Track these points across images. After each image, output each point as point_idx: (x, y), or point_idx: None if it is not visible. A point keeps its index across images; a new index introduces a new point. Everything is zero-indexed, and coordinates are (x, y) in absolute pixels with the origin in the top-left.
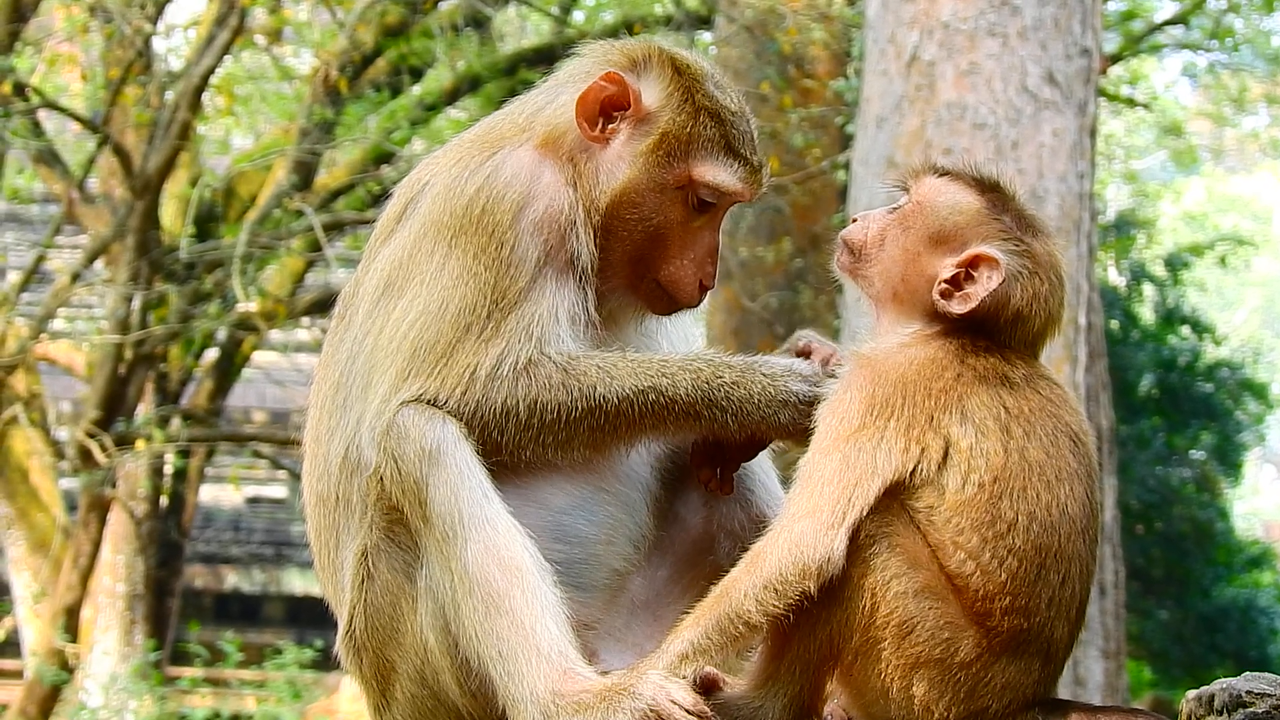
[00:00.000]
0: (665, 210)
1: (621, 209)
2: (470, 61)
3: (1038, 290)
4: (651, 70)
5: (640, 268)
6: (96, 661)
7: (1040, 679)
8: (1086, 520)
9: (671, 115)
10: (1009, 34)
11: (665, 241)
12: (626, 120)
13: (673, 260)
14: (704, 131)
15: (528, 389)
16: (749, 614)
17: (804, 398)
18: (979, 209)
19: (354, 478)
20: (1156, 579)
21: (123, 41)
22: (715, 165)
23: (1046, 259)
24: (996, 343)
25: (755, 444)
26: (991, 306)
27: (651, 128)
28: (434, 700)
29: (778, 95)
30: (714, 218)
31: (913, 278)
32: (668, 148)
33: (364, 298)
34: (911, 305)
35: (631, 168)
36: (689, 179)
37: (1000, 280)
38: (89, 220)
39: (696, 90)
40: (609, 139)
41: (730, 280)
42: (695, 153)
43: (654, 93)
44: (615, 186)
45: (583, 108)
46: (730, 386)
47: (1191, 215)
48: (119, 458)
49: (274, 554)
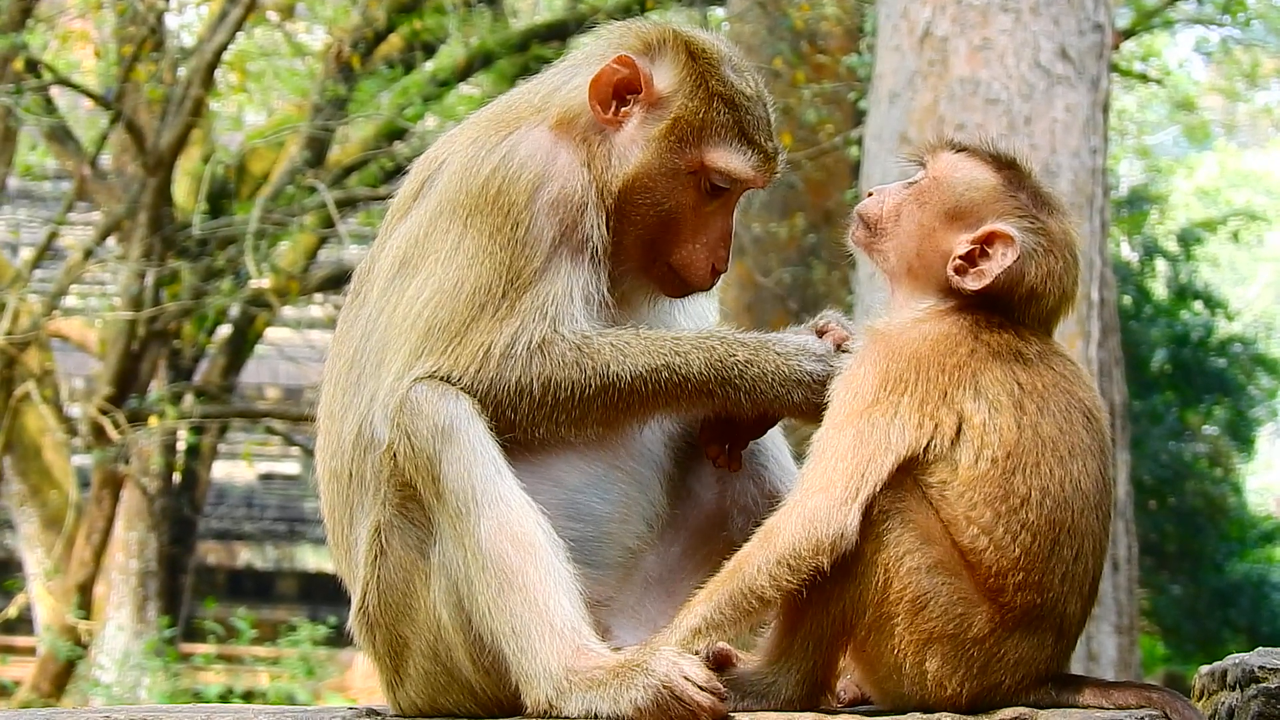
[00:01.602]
0: (677, 195)
1: (634, 193)
2: (483, 37)
3: (1052, 268)
4: (666, 54)
5: (653, 251)
6: (110, 638)
7: (1053, 654)
8: (1100, 496)
9: (684, 100)
10: (1022, 9)
11: (678, 225)
12: (639, 104)
13: (685, 244)
14: (717, 117)
15: (542, 367)
16: (762, 589)
17: (817, 376)
18: (995, 185)
19: (367, 454)
20: (1169, 554)
21: (135, 18)
22: (728, 151)
23: (1062, 237)
24: (1010, 319)
25: (765, 421)
26: (1006, 283)
27: (664, 112)
28: (447, 676)
29: (790, 71)
30: (727, 202)
31: (928, 253)
32: (680, 133)
33: (379, 275)
34: (926, 280)
35: (644, 152)
36: (701, 164)
37: (1015, 257)
38: (101, 197)
39: (711, 75)
40: (622, 122)
41: (744, 256)
42: (708, 138)
43: (667, 76)
44: (628, 170)
45: (595, 90)
46: (744, 365)
47: (1204, 190)
48: (132, 434)
49: (287, 530)
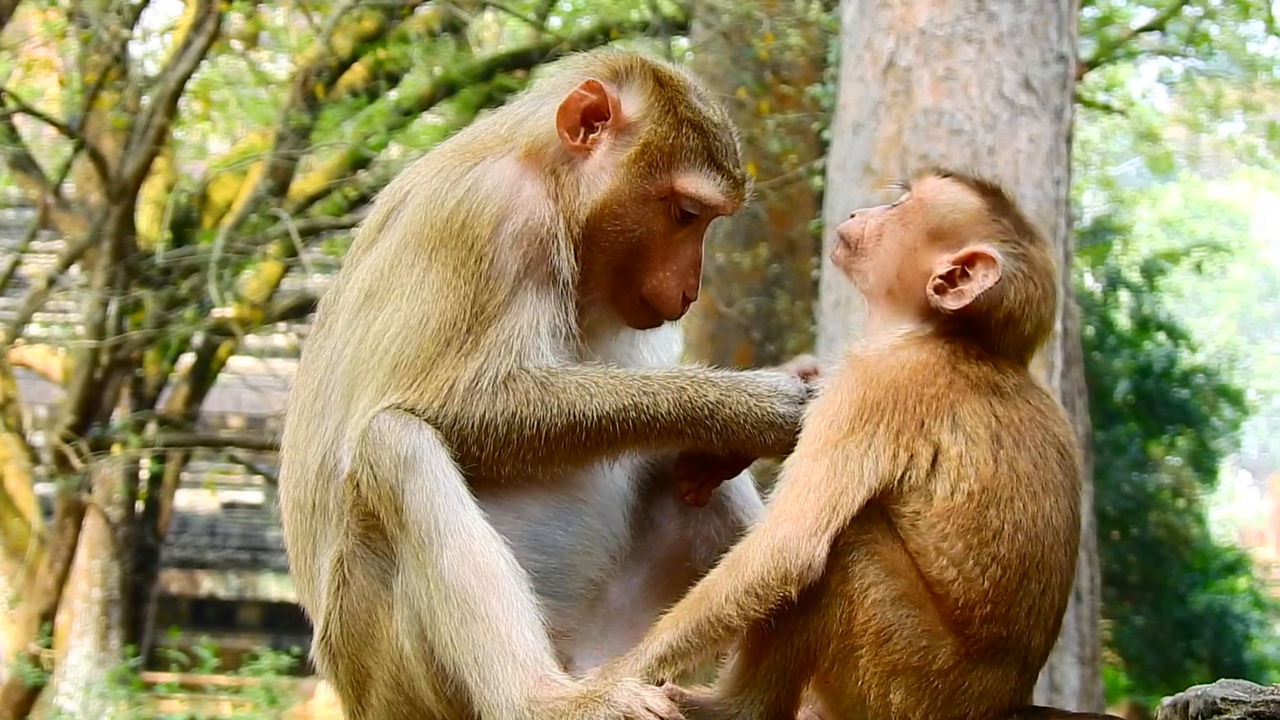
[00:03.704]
0: (647, 221)
1: (603, 220)
2: (447, 67)
3: (1031, 294)
4: (634, 80)
5: (623, 279)
6: (72, 667)
7: (1016, 687)
8: (1069, 532)
9: (653, 125)
10: (985, 40)
11: (648, 253)
12: (608, 130)
13: (656, 272)
14: (687, 142)
15: (506, 403)
16: (729, 618)
17: (789, 419)
18: (979, 209)
19: (330, 484)
20: (1132, 585)
21: (100, 46)
22: (698, 177)
23: (1042, 265)
24: (987, 348)
25: (741, 461)
26: (985, 306)
27: (633, 138)
28: (409, 706)
29: (754, 101)
30: (696, 229)
31: (908, 272)
32: (650, 159)
33: (345, 306)
34: (905, 302)
35: (613, 178)
36: (671, 190)
37: (996, 280)
38: (65, 225)
39: (679, 101)
40: (590, 149)
41: (707, 285)
42: (678, 164)
43: (635, 103)
44: (596, 198)
45: (563, 116)
46: (714, 405)
47: (1168, 221)
48: (95, 463)
49: (250, 559)
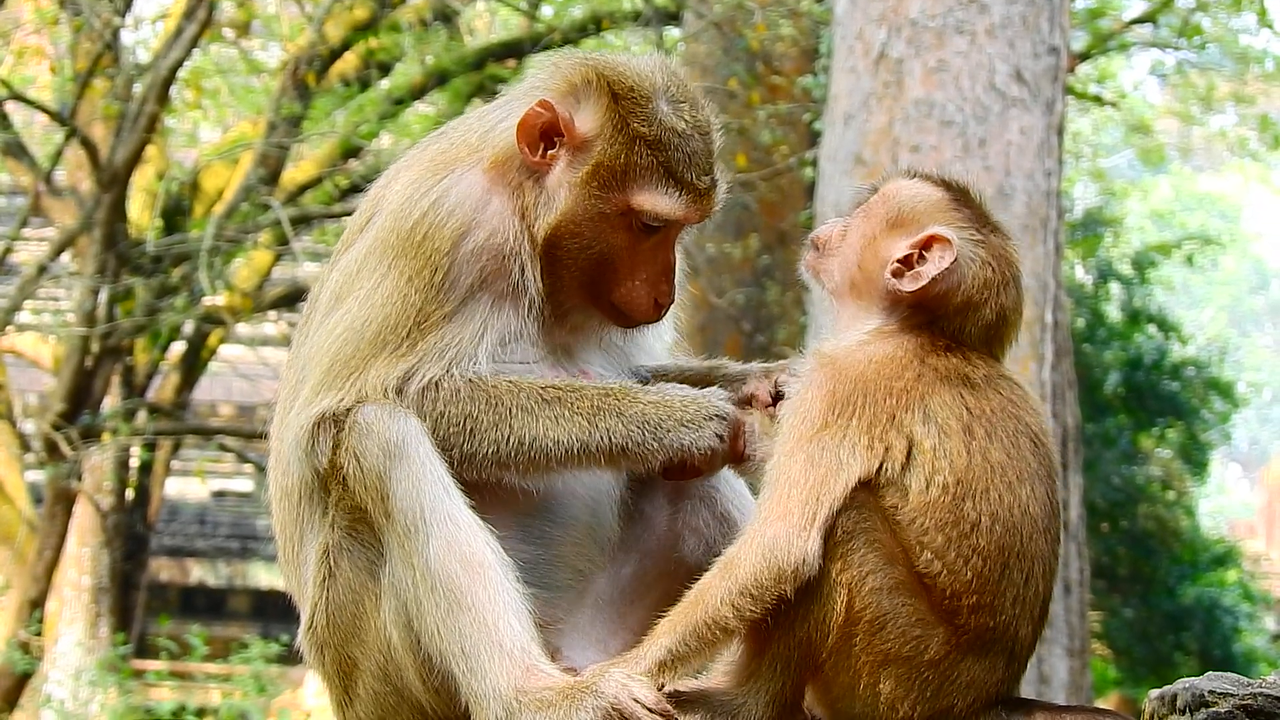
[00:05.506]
0: (608, 237)
1: (562, 238)
2: (438, 56)
3: (989, 279)
4: (590, 95)
5: (594, 289)
6: (62, 655)
7: (1004, 677)
8: (1048, 520)
9: (605, 145)
10: (977, 31)
11: (613, 265)
12: (564, 147)
13: (624, 282)
14: (640, 160)
15: (433, 406)
16: (726, 620)
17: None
18: (940, 198)
19: (294, 469)
20: (1122, 577)
21: (91, 34)
22: (653, 194)
23: (1002, 252)
24: (954, 339)
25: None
26: (943, 289)
27: (587, 156)
28: (397, 697)
29: (746, 91)
30: (665, 237)
31: (869, 262)
32: (602, 178)
33: (321, 304)
34: (869, 295)
35: (570, 196)
36: (628, 207)
37: (952, 260)
38: (56, 213)
39: (634, 117)
40: (550, 165)
41: (697, 276)
42: (632, 181)
43: (589, 120)
44: (553, 217)
45: (522, 133)
46: (645, 435)
47: (1159, 214)
48: (85, 451)
49: (239, 548)
